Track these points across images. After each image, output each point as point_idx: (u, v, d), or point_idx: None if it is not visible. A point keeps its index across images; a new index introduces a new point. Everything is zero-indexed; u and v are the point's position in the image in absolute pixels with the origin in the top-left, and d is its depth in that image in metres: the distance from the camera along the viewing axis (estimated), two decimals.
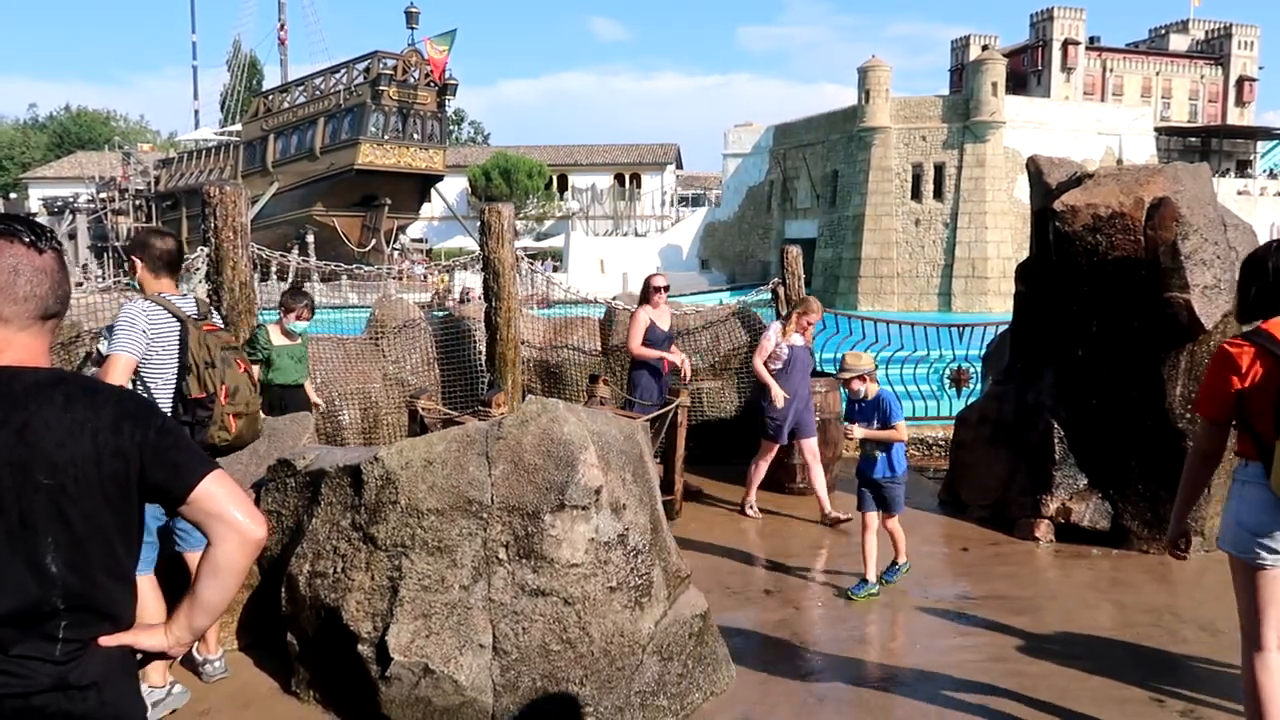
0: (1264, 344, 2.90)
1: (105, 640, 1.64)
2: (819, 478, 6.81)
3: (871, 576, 5.22)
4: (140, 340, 3.54)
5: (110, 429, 1.62)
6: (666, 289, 7.49)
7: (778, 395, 6.64)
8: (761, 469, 6.95)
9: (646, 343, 7.18)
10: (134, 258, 3.76)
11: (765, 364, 6.78)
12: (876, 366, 5.88)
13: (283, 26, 56.22)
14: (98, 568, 1.61)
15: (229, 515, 1.67)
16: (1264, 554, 2.94)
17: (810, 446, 6.85)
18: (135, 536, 1.69)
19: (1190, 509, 3.23)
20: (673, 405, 6.71)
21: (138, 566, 1.72)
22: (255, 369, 5.52)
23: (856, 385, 5.35)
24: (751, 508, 6.88)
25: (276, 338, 6.44)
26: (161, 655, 1.74)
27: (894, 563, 5.45)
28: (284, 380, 6.40)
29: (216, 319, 4.01)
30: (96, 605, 1.62)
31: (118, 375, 3.46)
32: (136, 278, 3.77)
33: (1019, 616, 4.89)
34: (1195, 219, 5.81)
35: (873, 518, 5.28)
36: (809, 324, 7.01)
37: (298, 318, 6.48)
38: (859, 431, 5.25)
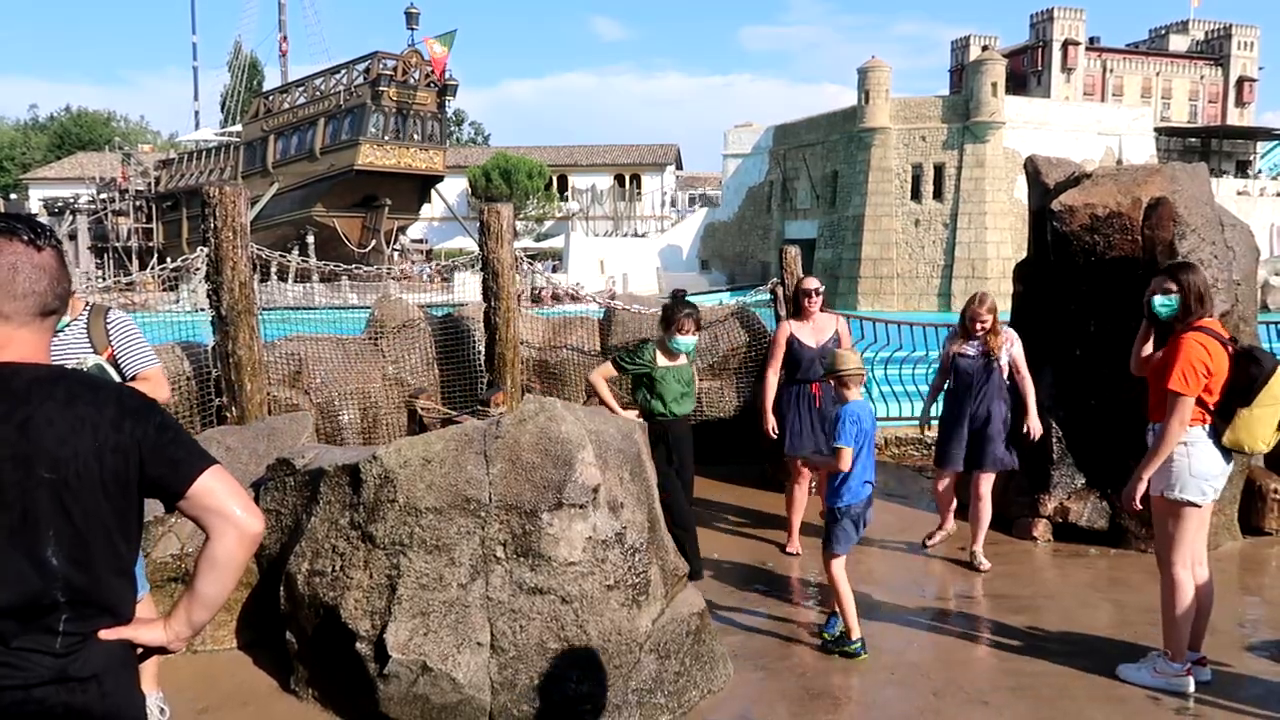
0: (1218, 336, 3.89)
1: (105, 634, 1.65)
2: (984, 517, 5.82)
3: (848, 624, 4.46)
4: None
5: (111, 425, 1.64)
6: (819, 293, 6.20)
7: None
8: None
9: (789, 364, 6.06)
10: None
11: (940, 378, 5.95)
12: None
13: (284, 39, 56.36)
14: (98, 562, 1.63)
15: (227, 510, 1.69)
16: (1208, 493, 3.94)
17: (986, 482, 5.78)
18: (135, 531, 1.70)
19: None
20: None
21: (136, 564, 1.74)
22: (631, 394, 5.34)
23: (851, 392, 4.42)
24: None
25: (661, 358, 5.36)
26: (161, 650, 1.75)
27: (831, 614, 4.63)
28: (672, 410, 5.35)
29: None
30: (96, 599, 1.64)
31: (167, 386, 3.53)
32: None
33: (1017, 615, 4.90)
34: (1192, 219, 5.82)
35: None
36: (984, 327, 5.73)
37: (681, 332, 5.29)
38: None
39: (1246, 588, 5.52)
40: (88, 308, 3.45)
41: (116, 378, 3.33)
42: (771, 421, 5.97)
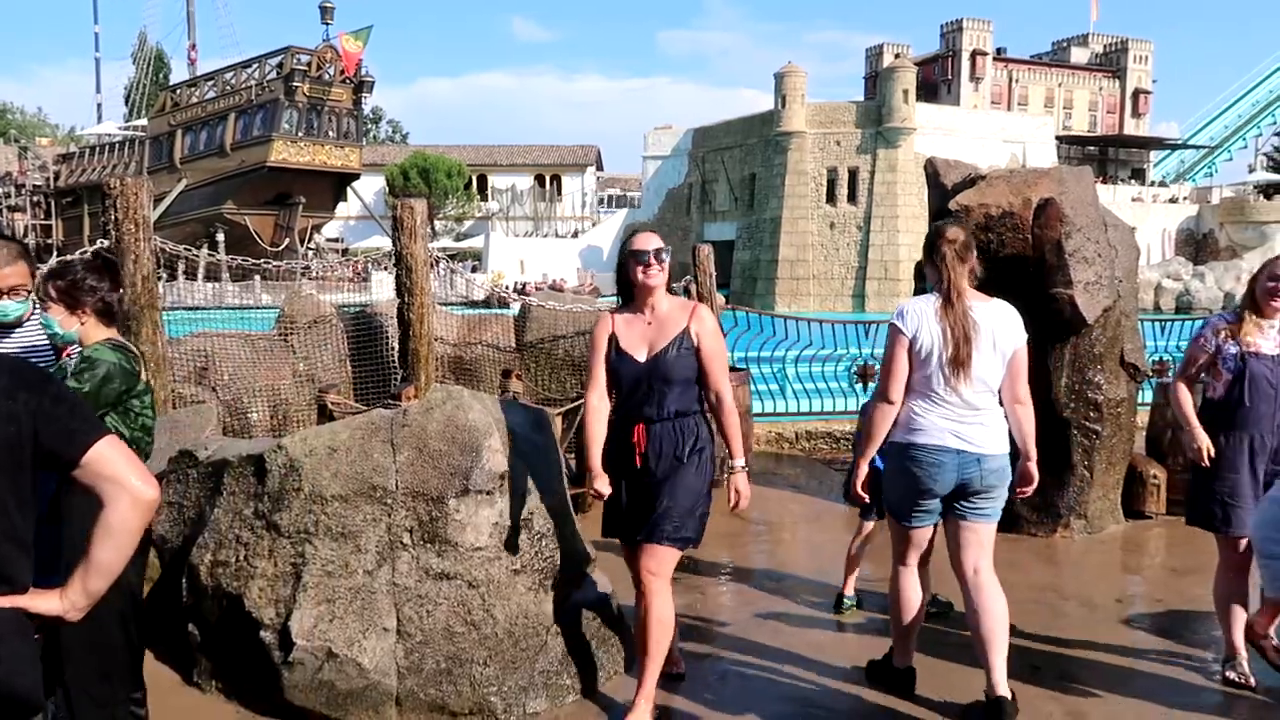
0: None
1: None
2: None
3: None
4: None
5: (4, 394, 1.65)
6: (661, 258, 3.61)
7: (1200, 441, 4.00)
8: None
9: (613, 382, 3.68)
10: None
11: (1190, 385, 4.13)
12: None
13: (193, 46, 54.90)
14: None
15: (121, 477, 1.71)
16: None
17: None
18: (29, 502, 1.71)
19: None
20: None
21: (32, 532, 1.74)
22: None
23: None
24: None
25: None
26: (57, 620, 1.76)
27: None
28: None
29: None
30: None
31: None
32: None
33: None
34: (1078, 219, 6.12)
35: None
36: None
37: None
38: None
39: (1127, 567, 5.85)
40: (38, 307, 3.37)
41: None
42: (602, 480, 3.50)
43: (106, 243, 6.30)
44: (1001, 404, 3.64)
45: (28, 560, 1.72)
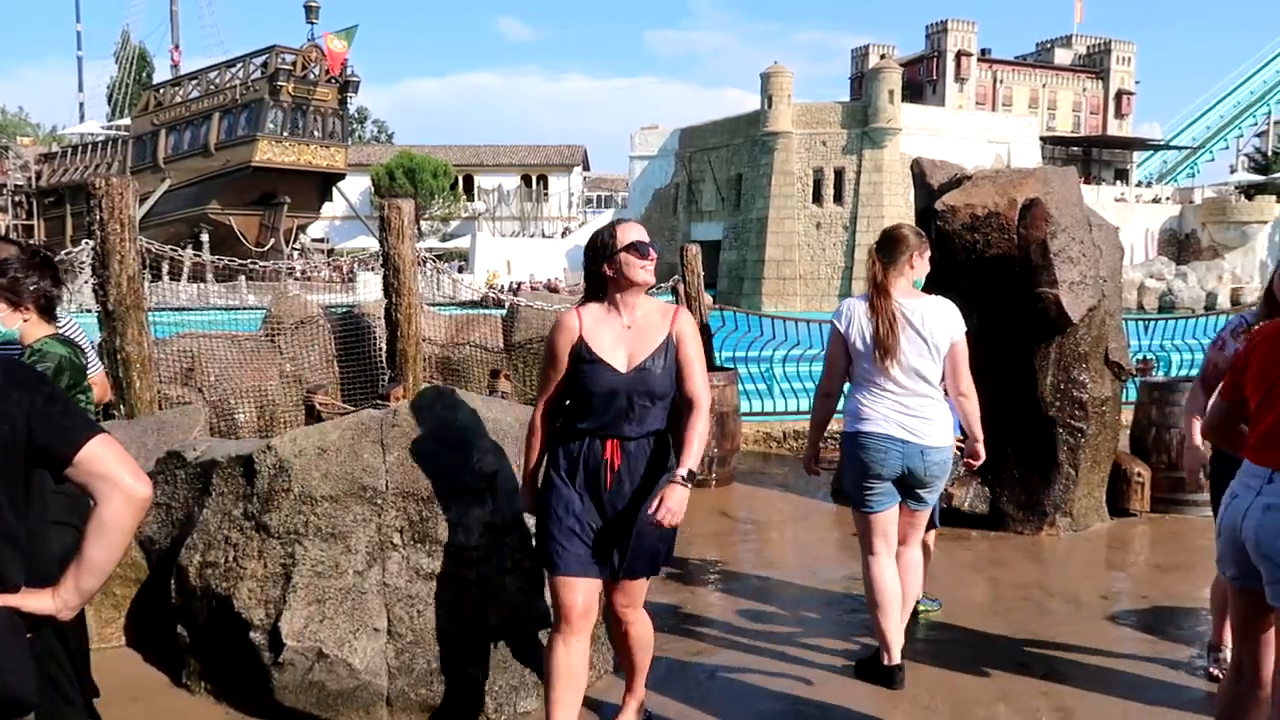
0: None
1: None
2: None
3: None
4: None
5: None
6: (646, 254, 3.20)
7: (1191, 465, 3.84)
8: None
9: (575, 393, 3.21)
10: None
11: (1209, 390, 3.64)
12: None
13: (176, 48, 54.63)
14: None
15: (114, 475, 1.71)
16: None
17: None
18: (22, 501, 1.71)
19: None
20: None
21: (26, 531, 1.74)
22: None
23: None
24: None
25: None
26: (50, 619, 1.76)
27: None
28: None
29: None
30: None
31: (109, 388, 3.49)
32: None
33: None
34: (1063, 219, 6.17)
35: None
36: None
37: None
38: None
39: (1112, 564, 5.90)
40: None
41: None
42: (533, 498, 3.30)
43: (91, 242, 6.27)
44: (948, 397, 3.89)
45: (20, 559, 1.72)
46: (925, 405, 3.81)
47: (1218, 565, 2.96)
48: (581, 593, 3.10)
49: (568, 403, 3.17)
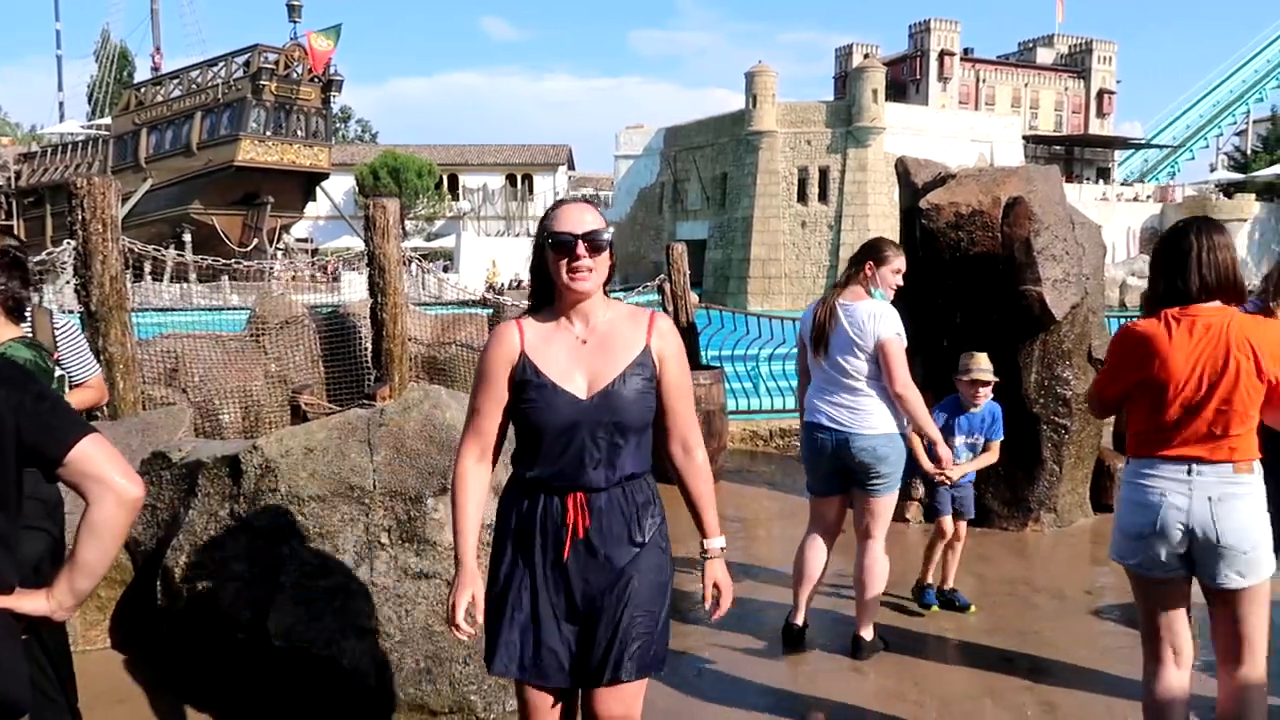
0: None
1: None
2: None
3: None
4: None
5: None
6: (594, 243, 2.39)
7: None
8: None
9: (522, 430, 2.55)
10: None
11: None
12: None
13: (158, 50, 54.27)
14: None
15: (105, 475, 1.70)
16: None
17: None
18: (14, 501, 1.70)
19: None
20: None
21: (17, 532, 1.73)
22: None
23: (984, 394, 4.80)
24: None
25: None
26: (45, 620, 1.74)
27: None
28: None
29: None
30: None
31: (106, 390, 3.57)
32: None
33: (887, 590, 5.15)
34: (1046, 217, 6.21)
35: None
36: None
37: None
38: (960, 471, 4.69)
39: (1096, 560, 5.94)
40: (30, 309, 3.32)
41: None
42: (473, 587, 2.45)
43: (73, 243, 6.23)
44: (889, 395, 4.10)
45: (11, 560, 1.71)
46: (850, 397, 4.08)
47: (1136, 563, 2.89)
48: (553, 704, 2.40)
49: (512, 445, 2.43)
